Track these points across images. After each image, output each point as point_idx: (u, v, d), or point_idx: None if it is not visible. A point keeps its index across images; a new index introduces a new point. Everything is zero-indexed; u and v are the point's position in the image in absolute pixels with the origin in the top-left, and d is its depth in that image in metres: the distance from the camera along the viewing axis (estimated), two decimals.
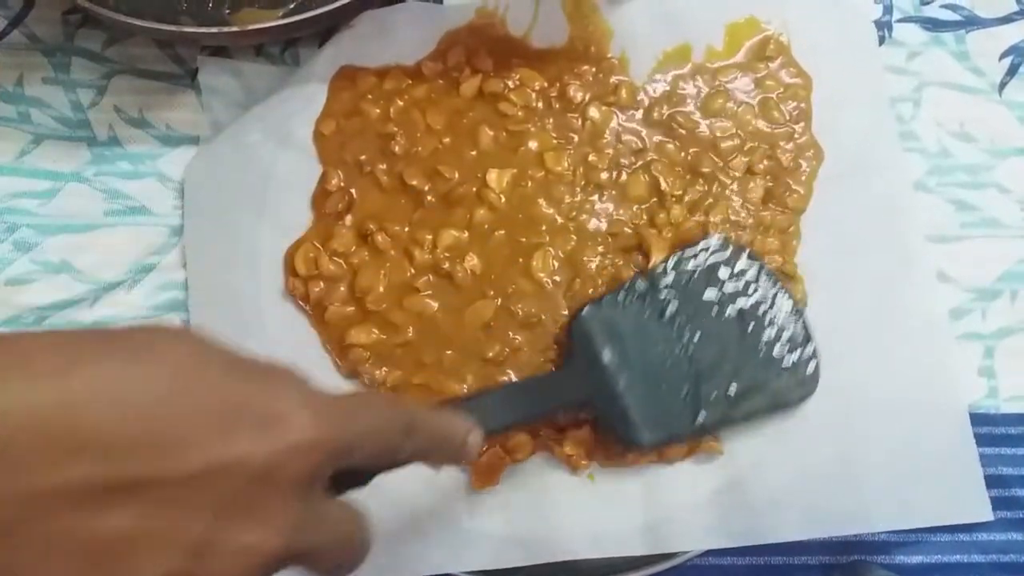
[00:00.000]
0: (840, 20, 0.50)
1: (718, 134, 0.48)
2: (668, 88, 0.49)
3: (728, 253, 0.44)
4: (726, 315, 0.43)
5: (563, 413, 0.43)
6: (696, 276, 0.44)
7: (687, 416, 0.42)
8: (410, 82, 0.48)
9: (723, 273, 0.44)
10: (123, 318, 0.46)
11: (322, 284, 0.45)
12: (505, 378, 0.44)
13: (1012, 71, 0.51)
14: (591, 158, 0.47)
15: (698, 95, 0.49)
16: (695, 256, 0.44)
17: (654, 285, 0.43)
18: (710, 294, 0.43)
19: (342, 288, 0.45)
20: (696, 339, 0.43)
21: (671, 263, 0.44)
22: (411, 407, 0.31)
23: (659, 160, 0.47)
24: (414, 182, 0.47)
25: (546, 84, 0.48)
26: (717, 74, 0.49)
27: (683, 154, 0.47)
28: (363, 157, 0.47)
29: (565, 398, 0.41)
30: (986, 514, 0.43)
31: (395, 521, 0.43)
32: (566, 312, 0.45)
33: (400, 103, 0.48)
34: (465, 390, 0.44)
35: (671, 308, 0.43)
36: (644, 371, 0.42)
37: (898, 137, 0.49)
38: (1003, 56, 0.51)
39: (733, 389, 0.42)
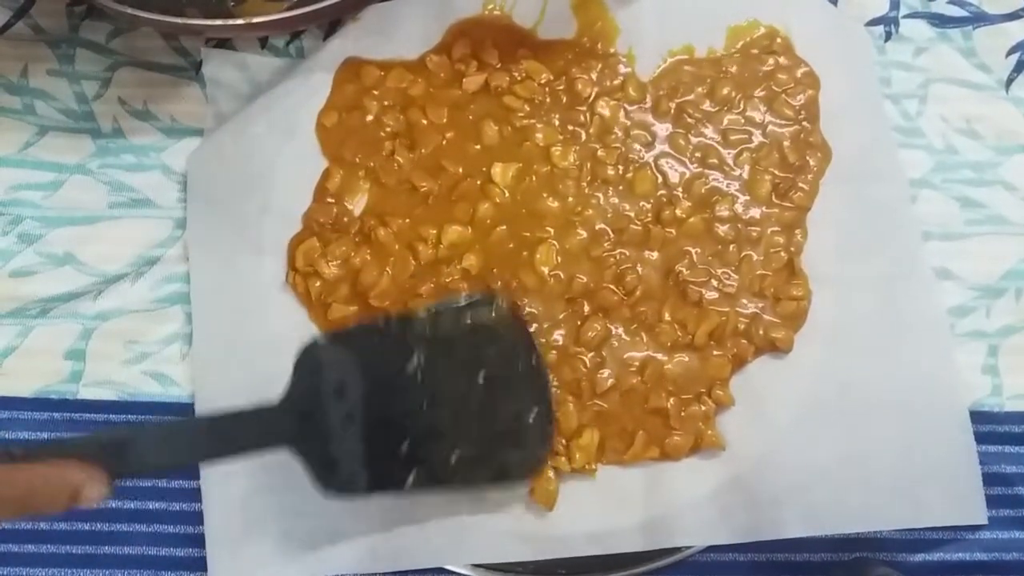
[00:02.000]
0: (839, 27, 0.50)
1: (725, 124, 0.48)
2: (676, 81, 0.49)
3: (490, 314, 0.40)
4: (471, 379, 0.40)
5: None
6: (450, 333, 0.40)
7: (398, 472, 0.39)
8: (414, 76, 0.48)
9: (479, 335, 0.40)
10: (127, 310, 0.46)
11: (320, 282, 0.45)
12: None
13: (1019, 68, 0.51)
14: (599, 153, 0.47)
15: (707, 84, 0.48)
16: (455, 311, 0.40)
17: (404, 332, 0.39)
18: (460, 354, 0.40)
19: (344, 288, 0.45)
20: (434, 396, 0.39)
21: (428, 313, 0.40)
22: None
23: (668, 153, 0.47)
24: (417, 177, 0.46)
25: (552, 77, 0.48)
26: (724, 63, 0.49)
27: (691, 147, 0.47)
28: (364, 152, 0.47)
29: (264, 441, 0.38)
30: (981, 517, 0.43)
31: (396, 514, 0.43)
32: (563, 315, 0.45)
33: (404, 97, 0.48)
34: None
35: (415, 361, 0.39)
36: (365, 419, 0.38)
37: (896, 145, 0.49)
38: (1010, 53, 0.51)
39: (455, 457, 0.39)
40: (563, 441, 0.43)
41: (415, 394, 0.39)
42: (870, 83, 0.50)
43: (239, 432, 0.37)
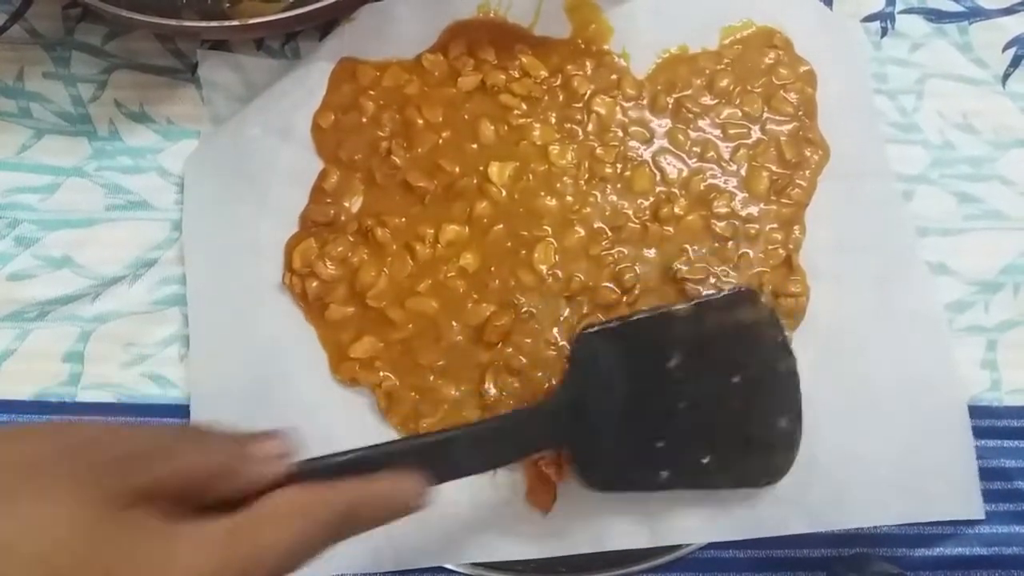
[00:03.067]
0: (833, 25, 0.51)
1: (724, 117, 0.48)
2: (673, 75, 0.49)
3: (753, 313, 0.41)
4: (728, 380, 0.40)
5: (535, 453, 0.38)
6: (711, 331, 0.40)
7: (651, 470, 0.39)
8: (410, 75, 0.48)
9: (739, 335, 0.40)
10: (124, 312, 0.46)
11: (317, 283, 0.45)
12: (479, 414, 0.39)
13: (1015, 62, 0.51)
14: (597, 151, 0.47)
15: (706, 76, 0.49)
16: (719, 308, 0.40)
17: (665, 328, 0.40)
18: (719, 354, 0.40)
19: (341, 288, 0.45)
20: (691, 396, 0.39)
21: (691, 309, 0.40)
22: (344, 491, 0.28)
23: (666, 149, 0.47)
24: (413, 176, 0.46)
25: (548, 75, 0.48)
26: (723, 55, 0.49)
27: (690, 141, 0.47)
28: (361, 152, 0.47)
29: (544, 440, 0.38)
30: (979, 512, 0.43)
31: None
32: (567, 312, 0.44)
33: (400, 96, 0.48)
34: (456, 394, 0.43)
35: (676, 358, 0.39)
36: (627, 412, 0.39)
37: (884, 141, 0.49)
38: (1006, 47, 0.51)
39: (707, 459, 0.39)
40: None
41: (673, 392, 0.39)
42: (864, 80, 0.50)
43: (531, 431, 0.37)
